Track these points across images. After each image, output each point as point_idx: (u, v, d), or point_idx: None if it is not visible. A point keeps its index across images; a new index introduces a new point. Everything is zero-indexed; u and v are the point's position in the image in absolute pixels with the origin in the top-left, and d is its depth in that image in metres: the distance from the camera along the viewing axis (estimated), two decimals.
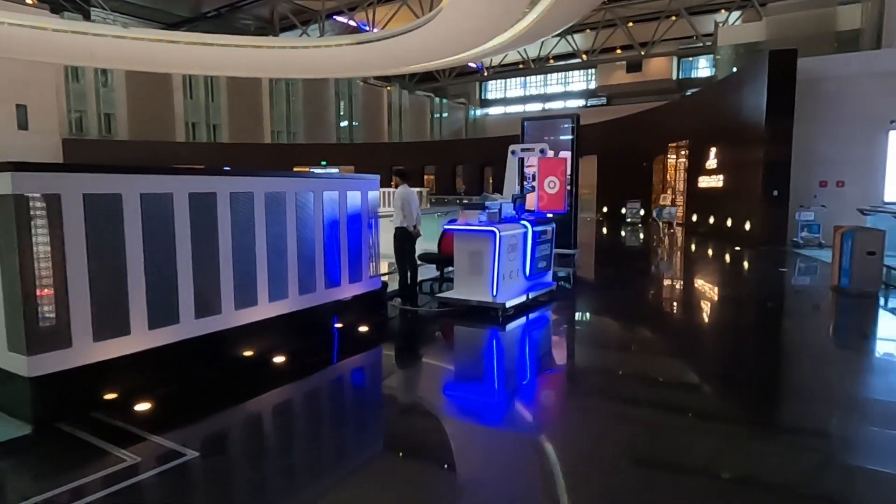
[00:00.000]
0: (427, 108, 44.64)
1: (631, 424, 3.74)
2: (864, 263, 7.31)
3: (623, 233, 18.01)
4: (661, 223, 14.98)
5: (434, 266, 8.12)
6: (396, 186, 7.48)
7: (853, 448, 3.38)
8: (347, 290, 5.75)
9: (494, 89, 48.46)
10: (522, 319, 6.46)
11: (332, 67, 26.46)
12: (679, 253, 13.08)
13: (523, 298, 6.67)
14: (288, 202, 4.99)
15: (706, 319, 7.03)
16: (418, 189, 27.63)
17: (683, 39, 37.62)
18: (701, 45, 35.90)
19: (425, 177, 31.51)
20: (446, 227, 6.58)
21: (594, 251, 14.19)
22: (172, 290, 4.05)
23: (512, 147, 7.72)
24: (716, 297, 8.32)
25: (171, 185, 4.05)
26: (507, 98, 48.21)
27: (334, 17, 35.63)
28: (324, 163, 30.81)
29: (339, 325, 5.70)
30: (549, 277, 7.40)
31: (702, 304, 7.99)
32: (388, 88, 41.17)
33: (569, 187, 10.70)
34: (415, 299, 7.24)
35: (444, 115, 46.47)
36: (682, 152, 18.67)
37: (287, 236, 4.99)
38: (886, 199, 12.27)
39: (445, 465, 3.23)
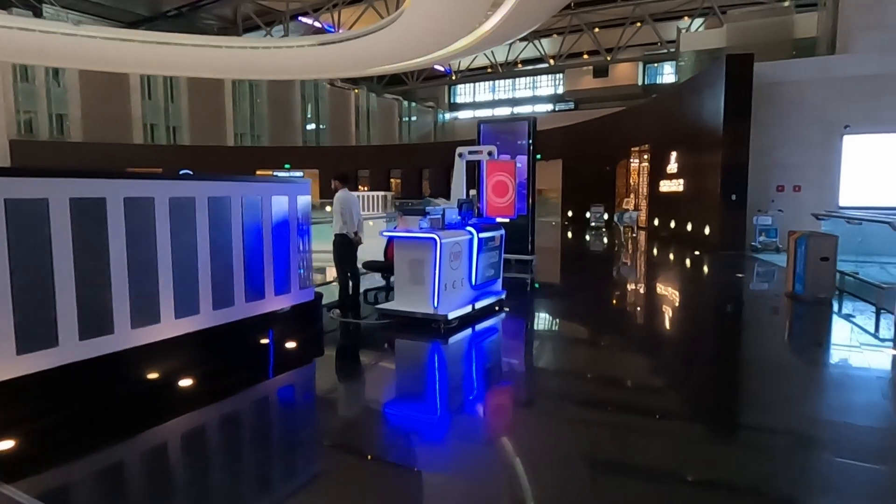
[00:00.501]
0: (395, 112, 44.18)
1: (578, 442, 3.38)
2: (818, 269, 7.14)
3: (586, 237, 17.84)
4: (622, 228, 14.81)
5: (380, 275, 7.70)
6: (336, 191, 7.04)
7: (798, 484, 3.07)
8: (273, 303, 5.28)
9: (463, 93, 48.27)
10: (468, 331, 6.08)
11: (295, 69, 25.83)
12: (638, 258, 12.90)
13: (468, 309, 6.29)
14: (199, 208, 4.51)
15: (659, 329, 6.75)
16: (384, 193, 27.17)
17: (648, 46, 38.06)
18: (665, 51, 36.34)
19: (392, 180, 31.03)
20: (384, 233, 6.16)
21: (554, 256, 13.95)
22: (48, 308, 3.54)
23: (459, 149, 7.35)
24: (670, 306, 8.08)
25: (46, 190, 3.55)
26: (476, 102, 48.07)
27: (299, 17, 34.94)
28: (287, 166, 30.10)
29: (264, 342, 5.23)
30: (498, 286, 7.04)
31: (655, 312, 7.73)
32: (356, 91, 40.60)
33: (525, 191, 10.43)
34: (357, 310, 6.81)
35: (413, 118, 46.08)
36: (645, 156, 18.61)
37: (198, 245, 4.51)
38: (841, 204, 12.30)
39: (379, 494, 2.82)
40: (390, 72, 29.58)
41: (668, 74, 41.86)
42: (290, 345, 5.35)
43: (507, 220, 10.41)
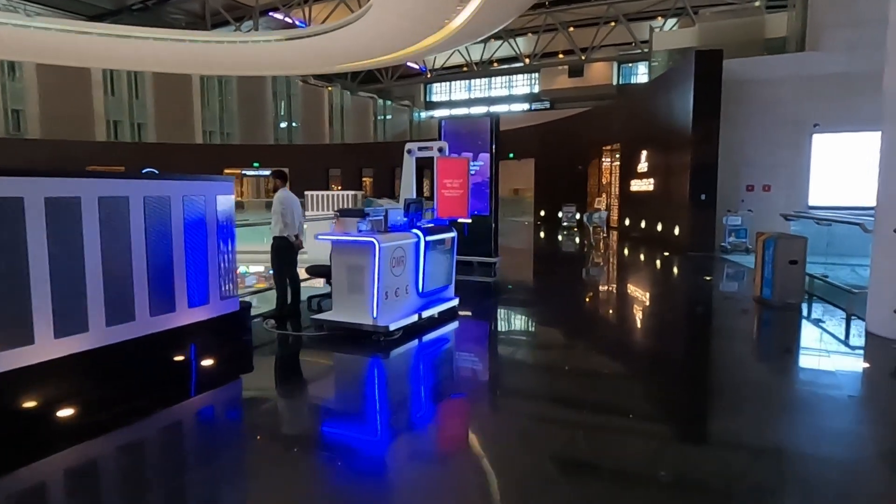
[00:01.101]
0: (370, 110, 43.43)
1: (531, 463, 2.86)
2: (787, 273, 6.75)
3: (556, 237, 17.43)
4: (591, 228, 14.41)
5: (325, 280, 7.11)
6: (275, 190, 6.46)
7: None
8: (187, 316, 4.67)
9: (439, 92, 47.70)
10: (413, 343, 5.54)
11: (262, 64, 25.03)
12: (605, 260, 12.48)
13: (414, 318, 5.75)
14: (87, 210, 3.89)
15: (620, 338, 6.28)
16: (354, 192, 26.44)
17: (623, 46, 37.93)
18: (639, 51, 36.22)
19: (364, 180, 30.34)
20: (319, 237, 5.60)
21: (521, 258, 13.49)
22: None
23: (408, 146, 6.81)
24: (633, 313, 7.63)
25: None
26: (452, 101, 47.53)
27: (270, 13, 34.03)
28: (256, 164, 29.24)
29: (178, 360, 4.63)
30: (450, 292, 6.51)
31: (617, 320, 7.27)
32: (329, 89, 39.76)
33: (488, 191, 9.92)
34: (297, 320, 6.23)
35: (388, 117, 45.38)
36: (616, 155, 18.28)
37: (85, 252, 3.89)
38: (811, 204, 12.04)
39: None
40: (361, 68, 28.93)
41: (642, 74, 41.80)
42: (208, 362, 4.75)
43: (470, 221, 9.96)
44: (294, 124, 37.99)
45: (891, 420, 3.85)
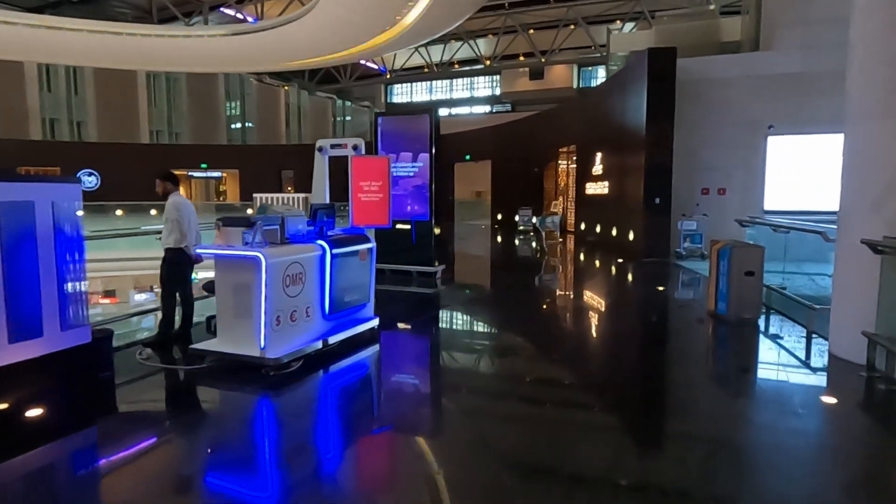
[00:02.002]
0: (329, 111, 42.18)
1: None
2: (742, 285, 6.09)
3: (511, 242, 16.72)
4: (543, 233, 13.71)
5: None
6: (164, 195, 5.46)
7: None
8: (7, 355, 3.65)
9: (400, 93, 46.79)
10: (317, 374, 4.64)
11: (207, 60, 23.64)
12: (557, 269, 11.73)
13: (317, 346, 4.83)
14: None
15: (560, 359, 5.48)
16: (305, 195, 25.26)
17: (582, 49, 37.73)
18: (599, 55, 36.06)
19: None
20: (197, 250, 4.64)
21: (469, 265, 12.69)
22: None
23: (319, 143, 5.89)
24: (578, 330, 6.88)
25: None
26: (413, 102, 46.66)
27: (220, 8, 32.53)
28: (204, 165, 27.76)
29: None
30: (367, 311, 5.61)
31: (559, 338, 6.49)
32: (286, 88, 38.37)
33: (428, 194, 9.07)
34: (186, 346, 5.23)
35: (348, 118, 44.20)
36: (573, 157, 17.68)
37: None
38: (766, 208, 11.58)
39: None
40: (315, 66, 27.75)
41: (602, 78, 41.71)
42: (38, 411, 3.74)
43: (409, 227, 9.08)
44: (248, 124, 36.47)
45: (861, 471, 3.14)
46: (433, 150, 8.93)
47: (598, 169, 14.49)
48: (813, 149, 11.21)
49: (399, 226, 9.26)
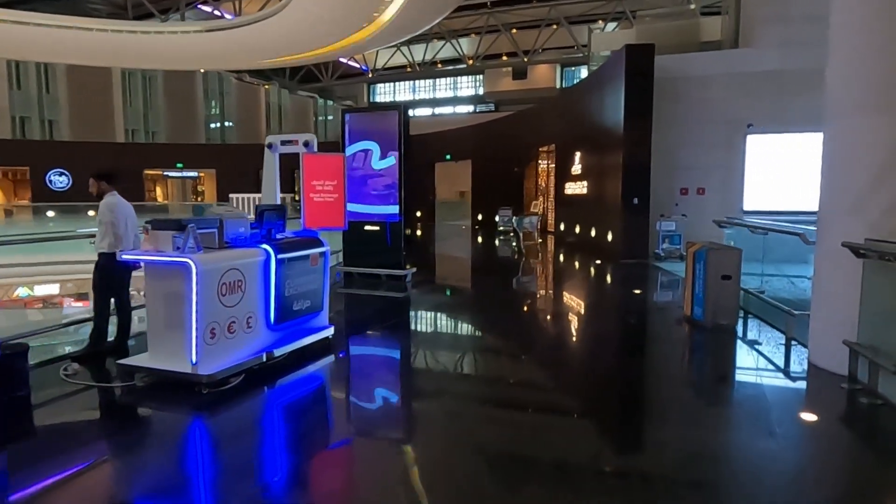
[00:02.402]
0: (310, 110, 41.60)
1: None
2: (719, 290, 5.78)
3: (490, 243, 16.39)
4: (521, 233, 13.38)
5: None
6: (99, 196, 5.02)
7: None
8: None
9: (383, 92, 46.29)
10: (260, 391, 4.23)
11: (182, 57, 23.04)
12: (534, 271, 11.38)
13: (260, 359, 4.43)
14: None
15: (531, 367, 5.13)
16: (283, 195, 24.73)
17: (565, 49, 37.57)
18: (581, 55, 35.92)
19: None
20: (123, 255, 4.20)
21: (444, 267, 12.32)
22: None
23: (268, 139, 5.48)
24: (551, 336, 6.53)
25: None
26: (396, 102, 46.21)
27: (198, 5, 31.83)
28: (180, 165, 27.09)
29: None
30: (321, 320, 5.21)
31: (531, 345, 6.13)
32: (266, 87, 37.73)
33: (398, 193, 8.69)
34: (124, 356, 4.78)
35: (330, 117, 43.62)
36: (553, 157, 17.39)
37: None
38: (745, 208, 11.36)
39: None
40: (293, 63, 27.19)
41: (584, 77, 41.66)
42: None
43: (377, 229, 8.69)
44: (228, 124, 35.78)
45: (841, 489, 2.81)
46: (403, 149, 8.54)
47: (577, 168, 14.20)
48: (792, 148, 11.00)
49: (368, 227, 8.88)
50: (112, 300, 4.99)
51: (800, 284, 7.41)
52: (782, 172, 11.05)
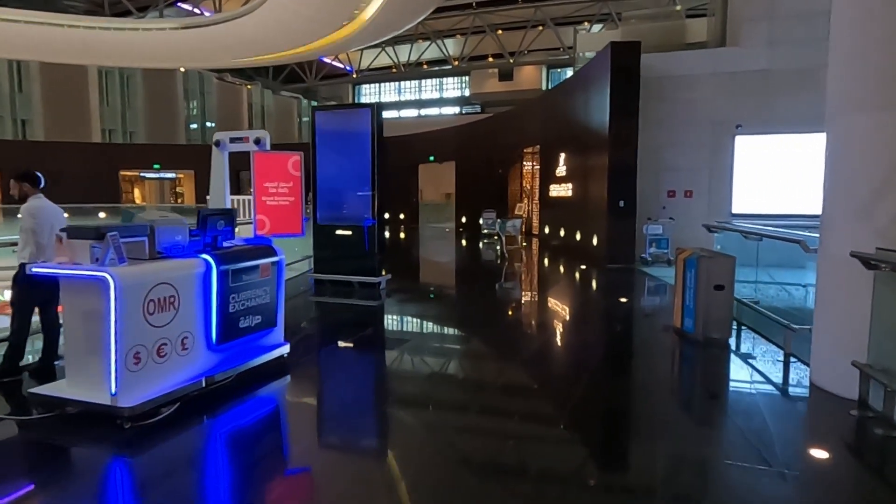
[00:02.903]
0: (294, 111, 40.88)
1: None
2: (711, 301, 5.33)
3: (473, 246, 15.90)
4: (503, 237, 12.90)
5: None
6: (21, 199, 4.45)
7: None
8: None
9: (368, 93, 45.72)
10: (196, 420, 3.69)
11: (157, 55, 22.28)
12: (516, 277, 10.86)
13: (198, 384, 3.88)
14: None
15: (509, 384, 4.63)
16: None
17: (551, 51, 37.27)
18: (567, 56, 35.65)
19: None
20: (33, 269, 3.64)
21: (423, 273, 11.80)
22: None
23: (217, 136, 4.93)
24: (530, 348, 6.03)
25: None
26: (381, 103, 45.65)
27: (177, 3, 31.10)
28: (157, 166, 26.30)
29: None
30: (274, 337, 4.67)
31: (509, 359, 5.63)
32: (248, 87, 36.97)
33: (371, 196, 8.17)
34: (50, 380, 4.20)
35: None
36: (538, 158, 16.95)
37: None
38: (734, 211, 10.97)
39: None
40: (273, 62, 26.53)
41: (569, 77, 41.38)
42: None
43: (349, 233, 8.17)
44: (209, 124, 34.95)
45: None
46: (376, 149, 8.01)
47: (561, 170, 13.76)
48: (782, 149, 10.64)
49: (339, 231, 8.35)
50: (37, 315, 4.42)
51: (794, 293, 6.99)
52: (772, 175, 10.68)
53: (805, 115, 10.63)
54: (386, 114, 35.94)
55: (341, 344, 5.98)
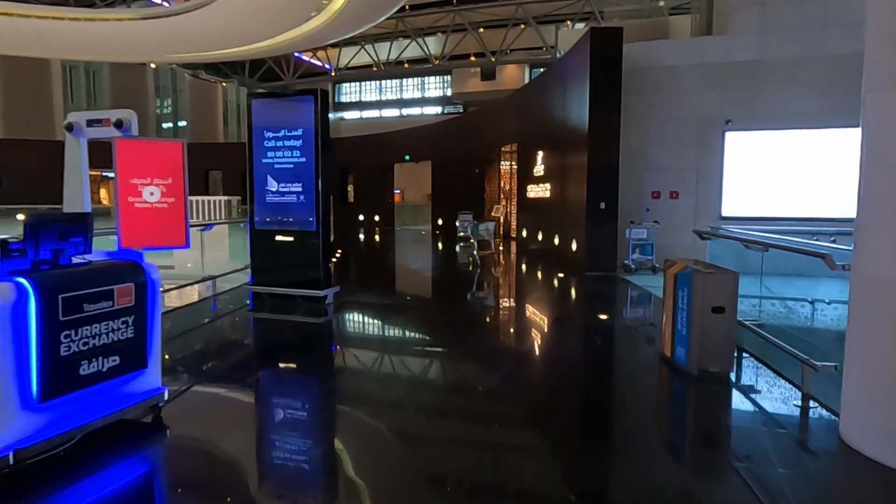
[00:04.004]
0: None
1: None
2: (709, 326, 4.28)
3: (448, 251, 14.81)
4: (475, 242, 11.83)
5: None
6: None
7: None
8: None
9: (349, 92, 44.44)
10: None
11: (117, 48, 20.88)
12: (487, 287, 9.71)
13: (4, 461, 2.72)
14: None
15: (462, 432, 3.53)
16: (229, 197, 22.72)
17: (534, 50, 36.33)
18: (549, 56, 34.72)
19: None
20: None
21: (383, 284, 10.64)
22: None
23: (70, 117, 3.77)
24: (485, 391, 4.93)
25: None
26: (362, 102, 44.46)
27: None
28: None
29: None
30: (143, 382, 3.51)
31: (453, 410, 4.54)
32: (224, 84, 35.54)
33: (314, 198, 7.03)
34: None
35: None
36: (516, 157, 15.90)
37: None
38: (724, 213, 10.00)
39: None
40: (244, 57, 25.17)
41: (546, 69, 40.48)
42: None
43: (291, 240, 7.04)
44: (182, 123, 33.49)
45: None
46: (320, 141, 6.88)
47: (539, 169, 12.72)
48: (775, 146, 9.69)
49: (279, 238, 7.20)
50: None
51: (801, 310, 5.98)
52: (765, 174, 9.73)
53: (800, 110, 9.69)
54: (367, 113, 34.75)
55: (250, 377, 4.83)
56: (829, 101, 9.52)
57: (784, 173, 9.70)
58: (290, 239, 7.13)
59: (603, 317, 6.89)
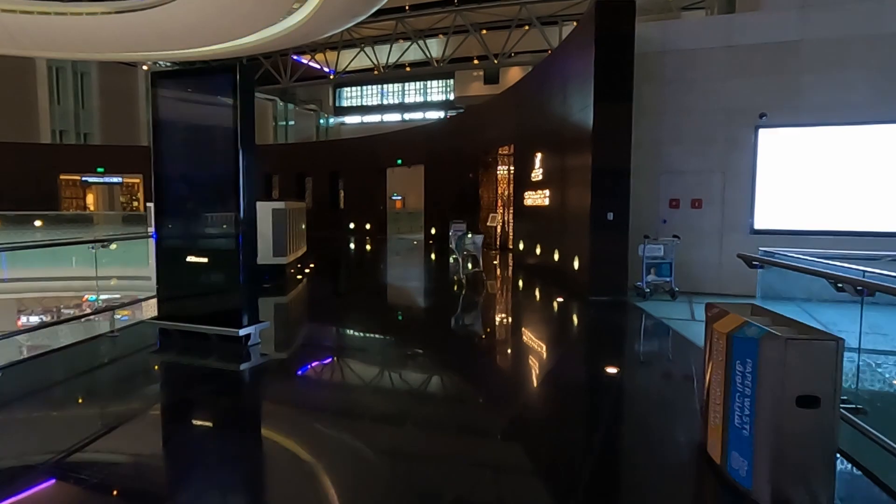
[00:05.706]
0: (269, 113, 38.01)
1: None
2: (792, 425, 2.50)
3: (437, 264, 13.08)
4: (461, 258, 10.07)
5: None
6: None
7: None
8: None
9: (350, 96, 42.95)
10: None
11: (89, 44, 19.40)
12: (467, 317, 7.81)
13: None
14: None
15: None
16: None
17: (538, 53, 34.65)
18: None
19: None
20: None
21: (339, 311, 8.72)
22: None
23: None
24: (450, 480, 3.16)
25: None
26: (364, 106, 42.97)
27: None
28: (100, 170, 23.38)
29: None
30: None
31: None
32: None
33: (239, 203, 5.32)
34: None
35: (291, 122, 40.06)
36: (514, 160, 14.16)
37: None
38: (756, 226, 8.21)
39: None
40: (226, 55, 23.54)
41: (545, 57, 38.85)
42: None
43: (206, 261, 5.34)
44: None
45: None
46: (240, 131, 5.17)
47: (537, 173, 10.96)
48: (821, 145, 7.91)
49: (191, 259, 5.49)
50: None
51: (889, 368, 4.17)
52: (808, 179, 7.94)
53: (850, 101, 7.87)
54: (368, 118, 33.00)
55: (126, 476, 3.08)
56: (886, 91, 7.71)
57: (830, 178, 7.91)
58: (205, 259, 5.42)
59: (611, 370, 5.00)
